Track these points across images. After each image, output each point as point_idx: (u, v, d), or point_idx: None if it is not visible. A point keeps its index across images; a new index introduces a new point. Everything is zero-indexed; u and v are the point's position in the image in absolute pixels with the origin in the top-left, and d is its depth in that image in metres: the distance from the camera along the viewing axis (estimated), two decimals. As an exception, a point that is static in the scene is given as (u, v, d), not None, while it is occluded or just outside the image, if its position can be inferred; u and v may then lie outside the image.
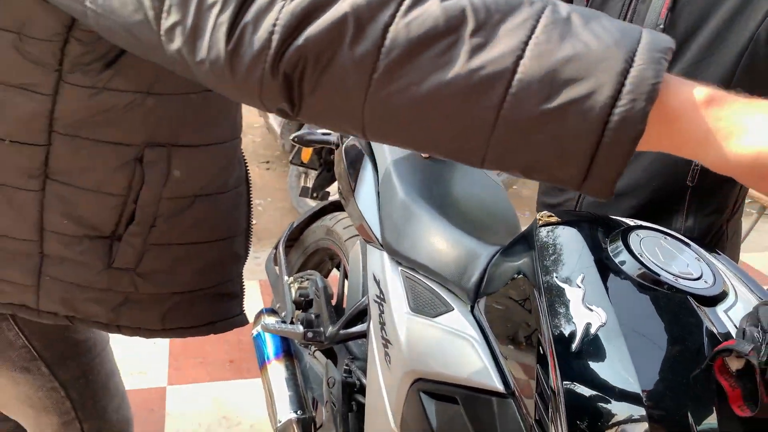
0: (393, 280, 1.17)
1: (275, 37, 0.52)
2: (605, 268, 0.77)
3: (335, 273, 1.87)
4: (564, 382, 0.71)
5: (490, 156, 0.53)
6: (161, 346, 2.30)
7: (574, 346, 0.73)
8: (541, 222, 0.90)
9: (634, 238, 0.80)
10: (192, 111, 0.89)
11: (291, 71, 0.53)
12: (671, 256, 0.79)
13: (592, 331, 0.73)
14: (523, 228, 1.03)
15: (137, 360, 2.21)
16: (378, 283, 1.22)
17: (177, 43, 0.56)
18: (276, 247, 1.88)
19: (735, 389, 0.66)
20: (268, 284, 1.91)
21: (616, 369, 0.69)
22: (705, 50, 1.06)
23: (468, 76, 0.50)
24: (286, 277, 1.72)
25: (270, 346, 1.56)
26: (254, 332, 1.60)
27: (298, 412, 1.44)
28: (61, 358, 1.06)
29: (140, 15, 0.57)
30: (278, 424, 1.44)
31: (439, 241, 1.13)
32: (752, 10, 1.02)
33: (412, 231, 1.18)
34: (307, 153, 1.81)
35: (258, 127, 4.44)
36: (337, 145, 1.51)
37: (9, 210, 0.87)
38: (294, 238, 1.89)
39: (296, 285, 1.65)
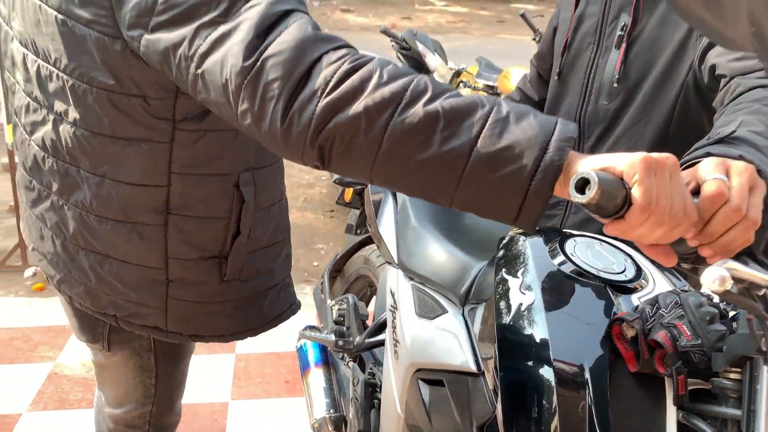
0: (404, 291, 1.39)
1: (313, 123, 0.77)
2: (544, 267, 0.98)
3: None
4: (500, 356, 0.92)
5: (455, 204, 0.78)
6: (227, 366, 2.58)
7: (510, 325, 0.94)
8: (505, 239, 1.13)
9: (570, 244, 1.00)
10: None
11: (323, 144, 0.78)
12: (600, 257, 0.99)
13: (522, 310, 0.94)
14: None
15: (206, 377, 2.50)
16: (393, 295, 1.45)
17: (248, 121, 0.82)
18: (322, 277, 2.14)
19: (628, 351, 0.85)
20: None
21: (536, 339, 0.89)
22: (650, 96, 1.28)
23: (440, 156, 0.75)
24: (329, 301, 1.97)
25: (311, 355, 1.80)
26: (298, 345, 1.84)
27: (332, 412, 1.66)
28: (168, 356, 1.32)
29: (224, 99, 0.83)
30: (314, 422, 1.67)
31: (441, 258, 1.36)
32: (682, 62, 1.24)
33: (420, 251, 1.41)
34: (348, 193, 2.08)
35: (324, 180, 4.78)
36: (366, 185, 1.77)
37: (141, 243, 1.12)
38: (338, 268, 2.14)
39: (336, 307, 1.89)
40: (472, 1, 16.59)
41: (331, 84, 0.76)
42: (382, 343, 1.59)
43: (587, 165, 0.71)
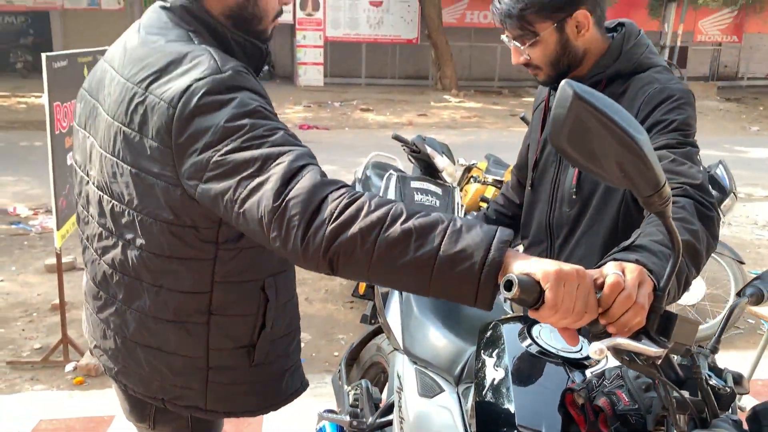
0: (408, 374, 1.62)
1: (324, 243, 1.04)
2: (514, 348, 1.22)
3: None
4: (478, 427, 1.15)
5: (430, 294, 1.05)
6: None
7: (487, 400, 1.17)
8: (487, 326, 1.37)
9: (536, 329, 1.25)
10: None
11: (332, 257, 1.05)
12: (561, 339, 1.22)
13: (496, 385, 1.17)
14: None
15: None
16: (399, 378, 1.67)
17: (277, 244, 1.08)
18: (339, 365, 2.36)
19: (579, 416, 1.08)
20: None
21: (506, 408, 1.12)
22: (600, 205, 1.56)
23: (415, 259, 1.01)
24: (345, 387, 2.19)
25: (328, 437, 2.01)
26: (318, 426, 2.05)
27: (350, 489, 1.86)
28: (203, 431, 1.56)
29: (259, 229, 1.10)
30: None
31: (440, 344, 1.60)
32: None
33: (422, 337, 1.65)
34: (362, 287, 2.33)
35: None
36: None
37: (188, 338, 1.38)
38: (353, 356, 2.37)
39: (352, 392, 2.11)
40: (485, 96, 17.32)
41: (334, 215, 1.04)
42: (391, 423, 1.79)
43: (518, 266, 0.98)
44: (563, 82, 0.88)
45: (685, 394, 0.97)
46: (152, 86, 1.21)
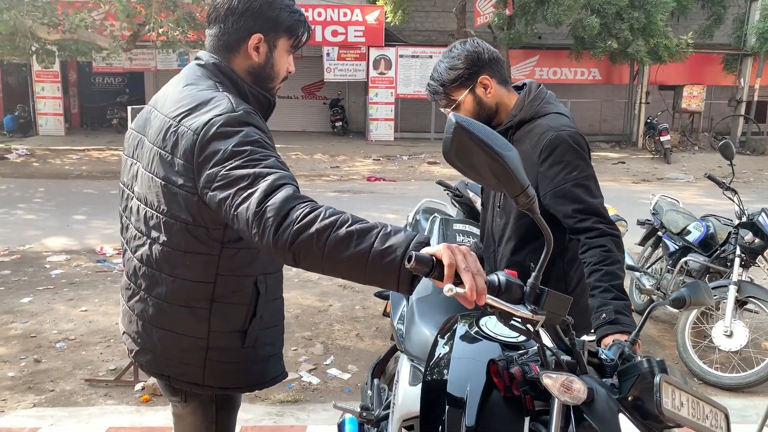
0: (405, 368, 1.90)
1: (289, 240, 1.36)
2: (462, 332, 1.49)
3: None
4: (423, 393, 1.43)
5: (367, 282, 1.37)
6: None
7: (434, 371, 1.44)
8: (450, 318, 1.64)
9: (484, 320, 1.51)
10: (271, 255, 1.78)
11: (295, 251, 1.37)
12: (503, 329, 1.49)
13: (442, 359, 1.44)
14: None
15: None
16: (398, 373, 1.95)
17: (256, 239, 1.42)
18: (367, 375, 2.65)
19: (500, 382, 1.33)
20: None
21: (444, 376, 1.39)
22: (519, 215, 2.03)
23: (355, 254, 1.33)
24: (368, 392, 2.46)
25: (347, 429, 2.28)
26: (339, 421, 2.33)
27: (358, 470, 2.12)
28: (224, 406, 1.89)
29: (246, 228, 1.44)
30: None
31: (429, 342, 1.87)
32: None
33: (418, 339, 1.93)
34: (388, 306, 2.63)
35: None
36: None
37: (193, 320, 1.73)
38: (380, 369, 2.64)
39: (369, 392, 2.38)
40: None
41: (298, 219, 1.37)
42: (394, 414, 2.06)
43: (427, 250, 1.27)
44: (450, 114, 1.20)
45: (565, 357, 1.23)
46: (183, 120, 1.62)
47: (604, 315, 1.74)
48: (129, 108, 3.71)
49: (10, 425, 3.41)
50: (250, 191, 1.44)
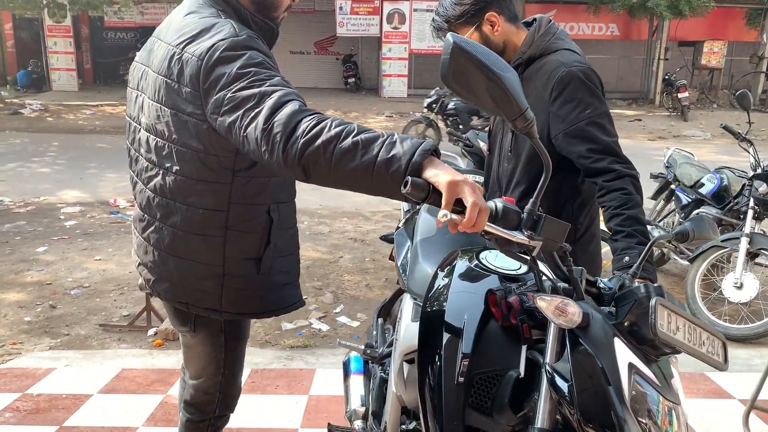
0: (407, 306, 1.91)
1: (298, 153, 1.36)
2: (462, 266, 1.50)
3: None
4: (422, 322, 1.44)
5: (374, 192, 1.35)
6: (300, 403, 3.10)
7: (433, 301, 1.45)
8: (451, 253, 1.64)
9: (484, 254, 1.51)
10: (283, 183, 1.79)
11: (305, 164, 1.37)
12: (503, 260, 1.49)
13: (441, 291, 1.45)
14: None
15: (284, 409, 3.03)
16: (401, 311, 1.96)
17: (266, 156, 1.41)
18: (374, 317, 2.67)
19: (497, 311, 1.33)
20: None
21: (443, 307, 1.40)
22: (530, 157, 1.99)
23: (361, 163, 1.32)
24: (373, 332, 2.49)
25: (352, 366, 2.32)
26: (344, 360, 2.37)
27: (359, 405, 2.15)
28: (232, 336, 1.92)
29: (255, 147, 1.44)
30: (348, 412, 2.16)
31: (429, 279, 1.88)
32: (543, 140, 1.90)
33: (420, 277, 1.94)
34: (393, 250, 2.63)
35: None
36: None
37: (208, 248, 1.74)
38: (386, 311, 2.66)
39: (373, 331, 2.41)
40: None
41: (305, 132, 1.37)
42: (395, 353, 2.09)
43: (429, 171, 1.26)
44: (448, 35, 1.18)
45: (563, 285, 1.23)
46: (187, 47, 1.61)
47: (627, 258, 1.68)
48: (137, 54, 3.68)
49: (27, 365, 3.50)
50: (256, 110, 1.44)
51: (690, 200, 5.12)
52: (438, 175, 1.25)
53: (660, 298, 1.18)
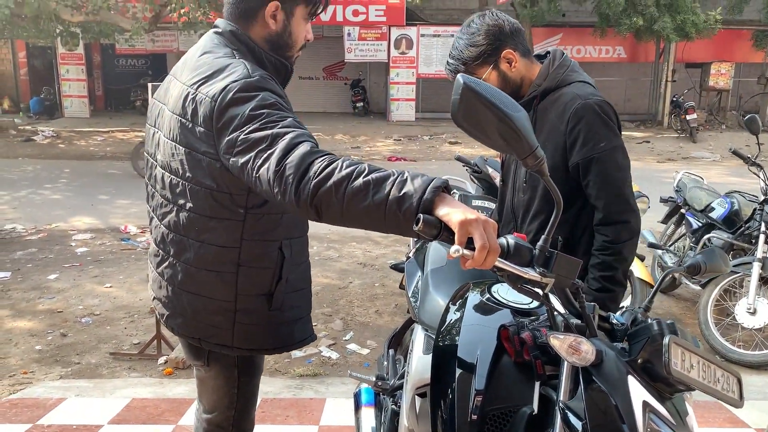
0: (419, 338, 1.91)
1: (310, 194, 1.38)
2: (474, 299, 1.50)
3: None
4: (434, 356, 1.43)
5: (387, 230, 1.36)
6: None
7: (445, 336, 1.45)
8: (463, 286, 1.64)
9: (495, 287, 1.51)
10: (295, 219, 1.80)
11: (317, 204, 1.39)
12: (515, 295, 1.49)
13: (454, 325, 1.45)
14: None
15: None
16: (412, 343, 1.96)
17: (279, 197, 1.43)
18: (384, 347, 2.66)
19: (510, 347, 1.33)
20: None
21: (456, 341, 1.40)
22: (545, 190, 1.92)
23: (373, 203, 1.33)
24: (385, 363, 2.48)
25: (363, 398, 2.30)
26: (355, 391, 2.36)
27: (370, 437, 2.15)
28: (246, 371, 1.92)
29: (268, 188, 1.45)
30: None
31: (441, 311, 1.88)
32: (558, 170, 1.96)
33: (432, 308, 1.94)
34: (404, 278, 2.63)
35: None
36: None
37: (220, 284, 1.76)
38: (397, 341, 2.66)
39: (385, 362, 2.40)
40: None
41: (317, 173, 1.38)
42: (407, 386, 2.08)
43: (441, 209, 1.27)
44: (458, 75, 1.19)
45: (575, 321, 1.23)
46: (201, 87, 1.64)
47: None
48: (149, 85, 3.74)
49: (37, 395, 3.50)
50: (269, 152, 1.46)
51: (701, 224, 5.09)
52: (449, 213, 1.25)
53: (673, 336, 1.18)
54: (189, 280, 1.77)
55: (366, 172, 1.36)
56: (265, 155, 1.46)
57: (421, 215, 1.23)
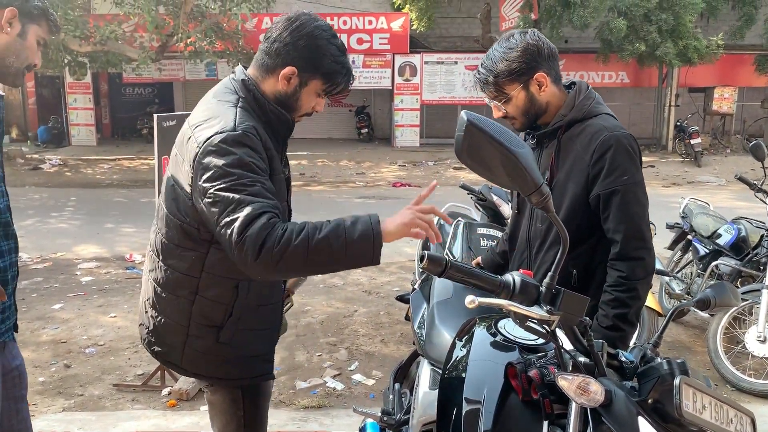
0: (425, 372, 1.89)
1: (271, 264, 1.52)
2: (480, 335, 1.48)
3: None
4: (441, 392, 1.41)
5: (349, 267, 1.51)
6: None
7: (452, 371, 1.43)
8: (469, 321, 1.63)
9: (502, 322, 1.49)
10: None
11: (280, 270, 1.56)
12: (521, 331, 1.47)
13: (460, 361, 1.43)
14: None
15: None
16: (418, 377, 1.93)
17: (239, 263, 1.54)
18: (389, 380, 2.63)
19: (518, 385, 1.31)
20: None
21: (462, 378, 1.38)
22: (564, 219, 1.88)
23: (332, 252, 1.48)
24: (390, 397, 2.45)
25: (370, 433, 2.28)
26: (360, 426, 2.33)
27: (379, 474, 2.11)
28: (251, 393, 1.96)
29: (228, 248, 1.57)
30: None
31: (448, 346, 1.85)
32: (579, 203, 1.99)
33: (438, 343, 1.92)
34: (409, 309, 2.61)
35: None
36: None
37: (179, 308, 1.84)
38: (402, 374, 2.63)
39: (390, 396, 2.37)
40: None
41: (274, 244, 1.50)
42: (413, 421, 2.05)
43: (388, 232, 1.51)
44: (462, 112, 1.19)
45: (583, 359, 1.20)
46: (196, 129, 1.74)
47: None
48: (155, 116, 3.76)
49: (41, 429, 3.46)
50: (232, 217, 1.57)
51: (708, 251, 5.06)
52: (396, 226, 1.54)
53: (684, 377, 1.16)
54: (156, 300, 1.89)
55: (317, 230, 1.53)
56: (228, 219, 1.58)
57: (426, 252, 1.23)
